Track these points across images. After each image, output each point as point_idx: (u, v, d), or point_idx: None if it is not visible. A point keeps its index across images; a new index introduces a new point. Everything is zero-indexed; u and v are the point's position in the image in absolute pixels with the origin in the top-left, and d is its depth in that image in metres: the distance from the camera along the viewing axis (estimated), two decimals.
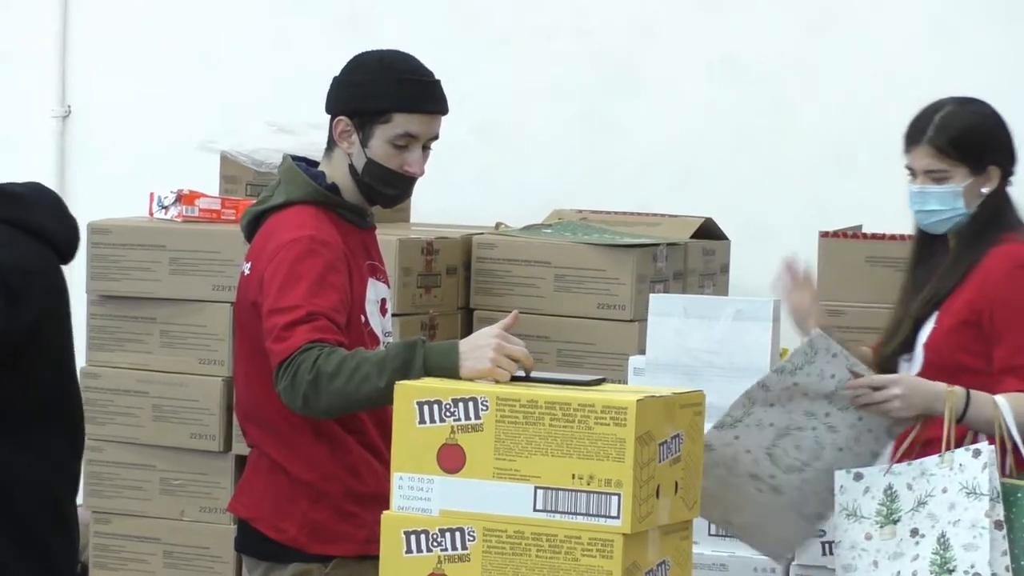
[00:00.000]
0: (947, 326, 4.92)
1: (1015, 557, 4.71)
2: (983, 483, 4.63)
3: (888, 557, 4.74)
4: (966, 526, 4.63)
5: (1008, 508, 4.70)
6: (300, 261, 4.72)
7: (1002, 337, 4.84)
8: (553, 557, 3.96)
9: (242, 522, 5.08)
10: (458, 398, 4.08)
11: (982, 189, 4.94)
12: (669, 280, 6.94)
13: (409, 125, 4.88)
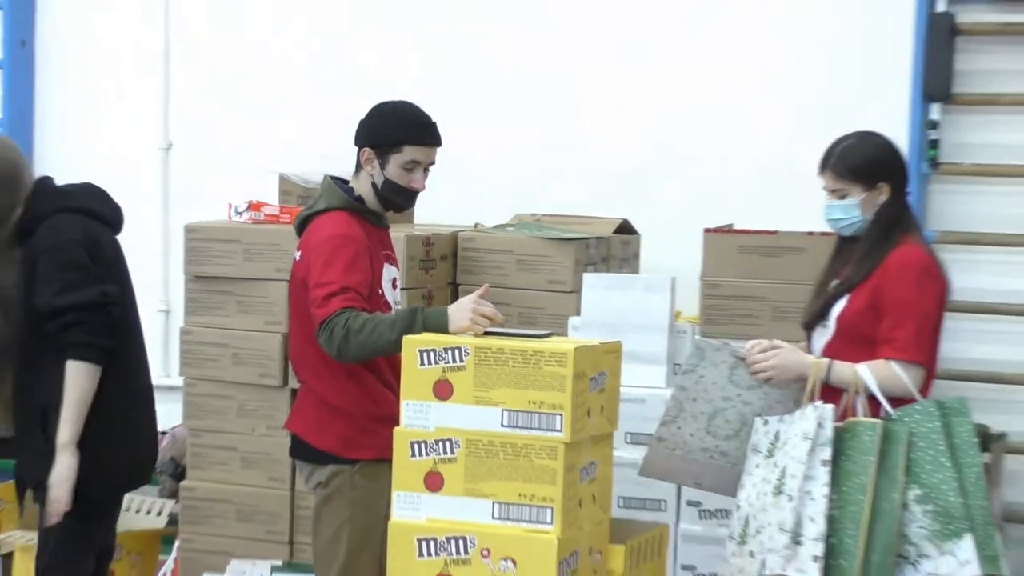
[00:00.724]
0: (855, 306, 4.95)
1: (839, 482, 4.76)
2: (811, 430, 4.72)
3: (760, 480, 4.91)
4: (797, 461, 4.74)
5: (846, 452, 4.76)
6: (336, 251, 5.11)
7: (885, 316, 4.86)
8: (515, 459, 4.43)
9: (295, 436, 5.51)
10: (447, 347, 4.52)
11: (876, 201, 5.00)
12: (597, 263, 7.12)
13: (415, 154, 5.29)
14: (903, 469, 4.75)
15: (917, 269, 4.93)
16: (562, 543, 4.43)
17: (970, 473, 4.75)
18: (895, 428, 4.79)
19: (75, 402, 5.16)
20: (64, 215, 5.31)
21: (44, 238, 5.25)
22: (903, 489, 4.74)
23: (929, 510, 4.73)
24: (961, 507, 4.68)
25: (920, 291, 4.89)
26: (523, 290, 6.99)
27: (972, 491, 4.72)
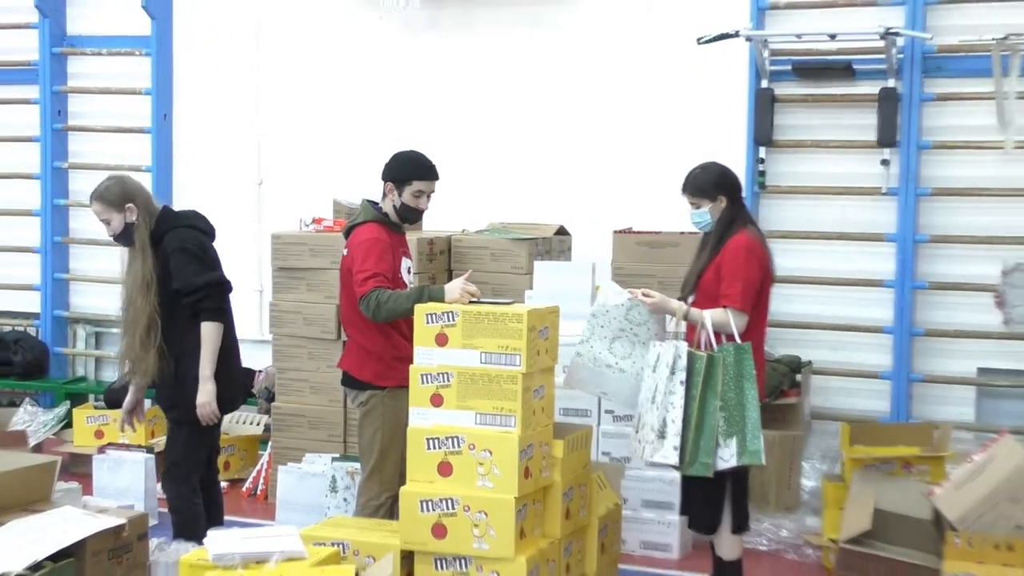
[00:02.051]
0: (708, 276, 4.97)
1: (691, 395, 4.77)
2: (671, 361, 4.79)
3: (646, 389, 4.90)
4: (663, 381, 4.78)
5: (690, 368, 4.78)
6: (370, 249, 5.25)
7: (723, 282, 4.89)
8: (489, 384, 4.54)
9: (344, 372, 5.57)
10: (444, 311, 4.66)
11: (719, 208, 5.01)
12: (543, 255, 7.07)
13: (421, 187, 5.39)
14: (715, 384, 4.81)
15: (744, 249, 4.97)
16: (521, 439, 4.57)
17: (748, 395, 4.80)
18: (715, 358, 4.84)
19: (211, 350, 5.36)
20: (182, 228, 5.46)
21: (172, 242, 5.38)
22: (714, 396, 4.80)
23: (723, 416, 4.79)
24: (738, 418, 4.78)
25: (747, 264, 4.94)
26: (494, 273, 6.95)
27: (748, 406, 4.77)
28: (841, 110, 7.72)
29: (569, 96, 8.30)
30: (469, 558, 4.55)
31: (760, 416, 4.78)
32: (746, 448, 4.72)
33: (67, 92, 9.55)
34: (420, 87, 8.63)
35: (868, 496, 5.69)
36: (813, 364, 7.60)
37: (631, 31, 8.10)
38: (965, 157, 7.48)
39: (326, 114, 8.88)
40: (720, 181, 5.07)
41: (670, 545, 6.16)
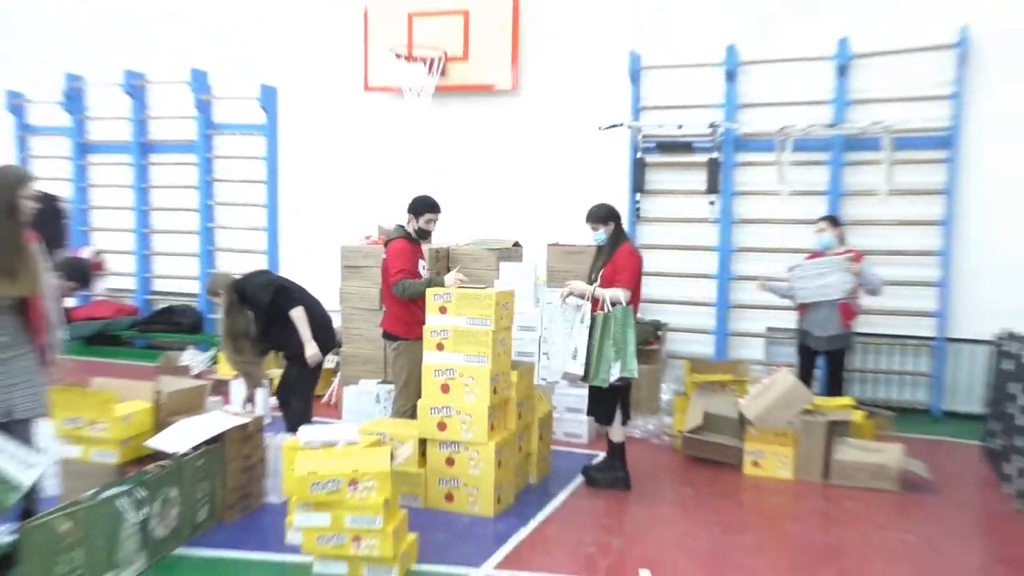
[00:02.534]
0: (607, 272, 4.86)
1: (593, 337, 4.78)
2: (582, 315, 4.83)
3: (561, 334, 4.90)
4: (577, 324, 4.83)
5: (594, 323, 4.79)
6: (399, 254, 5.21)
7: (618, 272, 4.82)
8: (472, 337, 4.55)
9: (384, 329, 5.47)
10: (444, 293, 4.67)
11: (609, 230, 4.96)
12: (506, 259, 6.85)
13: (430, 216, 5.35)
14: (609, 331, 4.80)
15: (630, 253, 5.00)
16: (491, 370, 4.64)
17: (629, 337, 4.78)
18: (608, 316, 4.83)
19: (304, 325, 5.29)
20: (250, 286, 5.33)
21: (250, 292, 5.30)
22: (608, 338, 4.79)
23: (614, 349, 4.77)
24: (622, 350, 4.76)
25: (630, 262, 4.95)
26: (475, 269, 6.74)
27: (629, 344, 4.77)
28: (685, 171, 7.73)
29: (521, 157, 8.29)
30: (460, 443, 4.62)
31: (636, 350, 4.79)
32: (627, 367, 4.75)
33: (212, 158, 9.52)
34: (430, 151, 8.59)
35: (701, 405, 5.83)
36: (668, 325, 7.70)
37: (560, 118, 8.14)
38: (759, 200, 7.58)
39: (370, 168, 8.86)
40: (609, 214, 5.02)
41: (582, 435, 6.23)
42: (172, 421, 4.48)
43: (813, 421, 5.31)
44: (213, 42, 9.33)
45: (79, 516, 3.38)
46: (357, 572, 3.72)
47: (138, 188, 9.66)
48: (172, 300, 9.72)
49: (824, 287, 5.84)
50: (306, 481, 3.65)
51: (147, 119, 9.65)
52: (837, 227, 6.14)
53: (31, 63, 10.02)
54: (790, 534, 4.43)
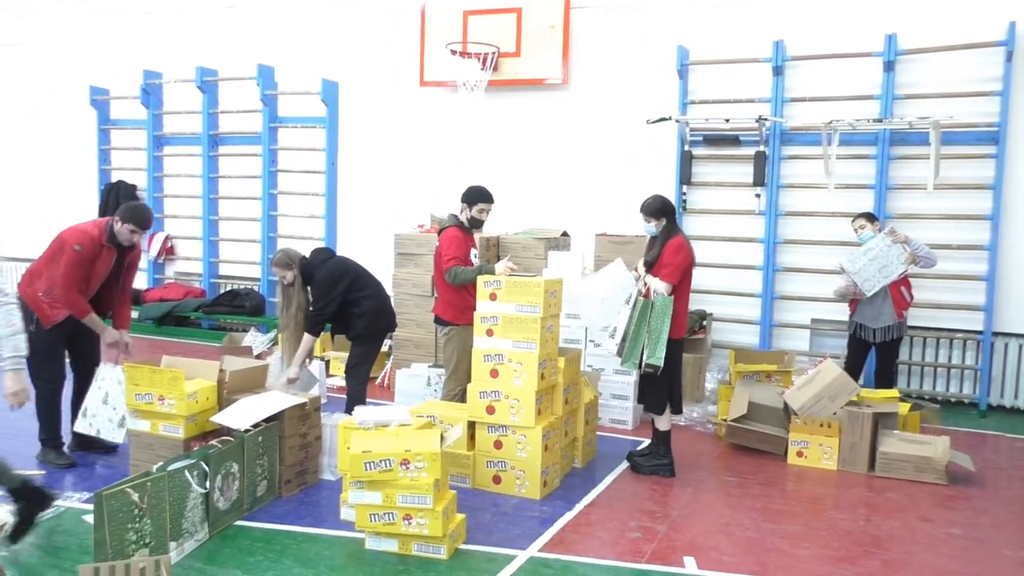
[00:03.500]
0: (657, 263, 4.79)
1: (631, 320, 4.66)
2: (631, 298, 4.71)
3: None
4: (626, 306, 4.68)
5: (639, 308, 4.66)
6: (451, 241, 5.17)
7: (662, 267, 4.74)
8: (521, 324, 4.48)
9: (436, 315, 5.44)
10: (494, 280, 4.60)
11: (661, 223, 4.84)
12: (554, 248, 6.80)
13: (482, 206, 5.32)
14: (646, 317, 4.71)
15: (675, 247, 4.85)
16: (539, 356, 4.53)
17: (664, 327, 4.65)
18: (649, 303, 4.74)
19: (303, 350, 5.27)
20: (317, 272, 5.23)
21: (315, 284, 5.23)
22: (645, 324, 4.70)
23: (646, 337, 4.69)
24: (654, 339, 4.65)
25: (675, 256, 4.82)
26: (524, 258, 6.70)
27: (662, 334, 4.64)
28: (731, 164, 7.59)
29: (570, 149, 8.15)
30: (508, 426, 4.56)
31: (667, 340, 4.63)
32: (653, 354, 4.62)
33: (276, 150, 9.56)
34: (481, 143, 8.51)
35: (745, 394, 5.67)
36: (714, 315, 7.52)
37: (608, 112, 7.98)
38: (805, 193, 7.36)
39: (424, 160, 8.82)
40: (662, 208, 4.90)
41: (627, 421, 6.13)
42: (235, 399, 4.50)
43: (859, 412, 5.13)
44: (279, 39, 9.39)
45: (149, 486, 3.40)
46: (407, 549, 3.69)
47: (207, 178, 9.77)
48: (236, 284, 9.84)
49: (885, 269, 5.73)
50: (360, 460, 3.63)
51: (217, 113, 9.75)
52: (874, 223, 6.08)
53: (113, 61, 10.21)
54: (834, 524, 4.27)
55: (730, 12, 7.53)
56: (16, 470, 3.67)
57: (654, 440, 5.05)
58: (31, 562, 3.48)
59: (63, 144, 10.54)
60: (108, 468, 4.77)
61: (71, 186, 10.50)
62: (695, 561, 3.72)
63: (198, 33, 9.79)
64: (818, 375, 5.36)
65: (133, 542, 3.31)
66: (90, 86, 10.23)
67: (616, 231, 7.12)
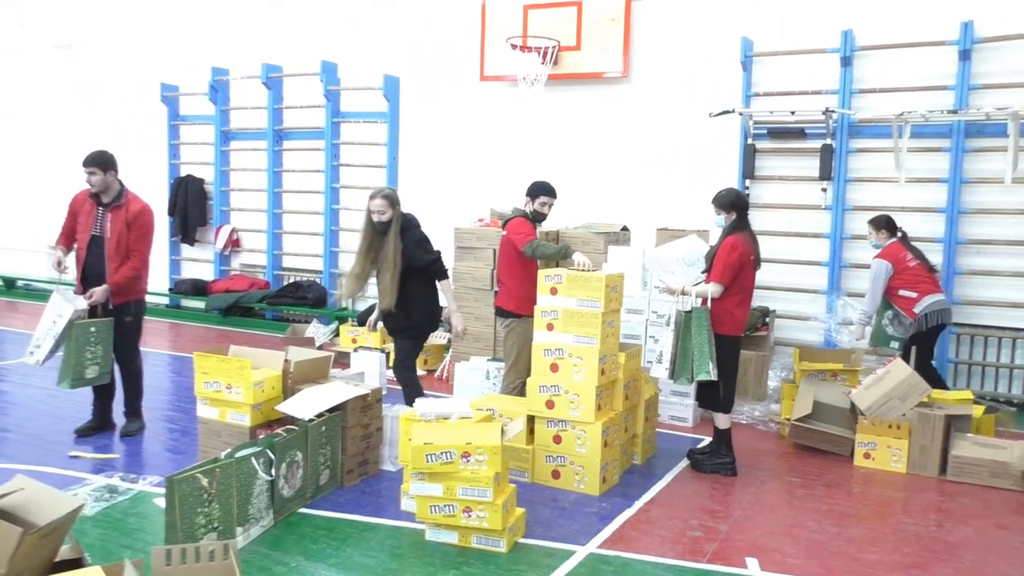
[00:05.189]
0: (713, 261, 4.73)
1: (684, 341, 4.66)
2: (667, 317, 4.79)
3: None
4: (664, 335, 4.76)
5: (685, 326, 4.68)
6: (521, 224, 5.20)
7: (713, 266, 4.69)
8: (581, 318, 4.44)
9: (497, 306, 5.46)
10: (555, 274, 4.57)
11: (731, 217, 4.76)
12: (614, 243, 6.68)
13: (545, 199, 5.33)
14: (690, 330, 4.68)
15: (728, 247, 4.74)
16: (600, 351, 4.51)
17: (701, 337, 4.63)
18: (690, 315, 4.72)
19: (452, 294, 5.34)
20: (415, 229, 5.08)
21: (412, 236, 5.01)
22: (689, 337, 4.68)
23: (694, 352, 4.66)
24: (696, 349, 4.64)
25: (727, 256, 4.70)
26: (587, 252, 6.62)
27: (705, 341, 4.62)
28: (796, 157, 7.44)
29: (631, 143, 8.08)
30: (567, 421, 4.53)
31: (709, 350, 4.60)
32: (703, 370, 4.60)
33: (339, 145, 9.65)
34: (541, 137, 8.49)
35: (809, 393, 5.55)
36: (776, 312, 7.37)
37: (670, 105, 7.88)
38: (873, 187, 7.16)
39: (483, 155, 8.83)
40: (732, 202, 4.81)
41: (687, 418, 6.04)
42: (299, 388, 4.56)
43: (930, 414, 4.96)
44: (342, 35, 9.49)
45: (218, 472, 3.47)
46: (467, 542, 3.70)
47: (271, 172, 9.94)
48: (299, 276, 10.00)
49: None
50: (421, 451, 3.65)
51: (281, 108, 9.91)
52: (880, 231, 6.07)
53: (183, 58, 10.48)
54: (904, 528, 4.14)
55: (796, 2, 7.35)
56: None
57: (715, 438, 4.96)
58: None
59: (135, 140, 10.84)
60: (178, 454, 4.91)
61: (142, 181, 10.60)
62: (758, 562, 3.64)
63: (263, 30, 9.97)
64: (887, 374, 5.20)
65: (202, 526, 3.39)
66: (161, 83, 10.52)
67: (677, 225, 7.03)
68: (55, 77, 11.44)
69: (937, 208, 6.87)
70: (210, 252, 10.52)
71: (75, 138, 11.38)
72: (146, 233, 5.12)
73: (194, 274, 10.66)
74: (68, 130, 11.32)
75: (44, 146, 11.66)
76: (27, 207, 11.89)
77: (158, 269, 10.77)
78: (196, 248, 10.68)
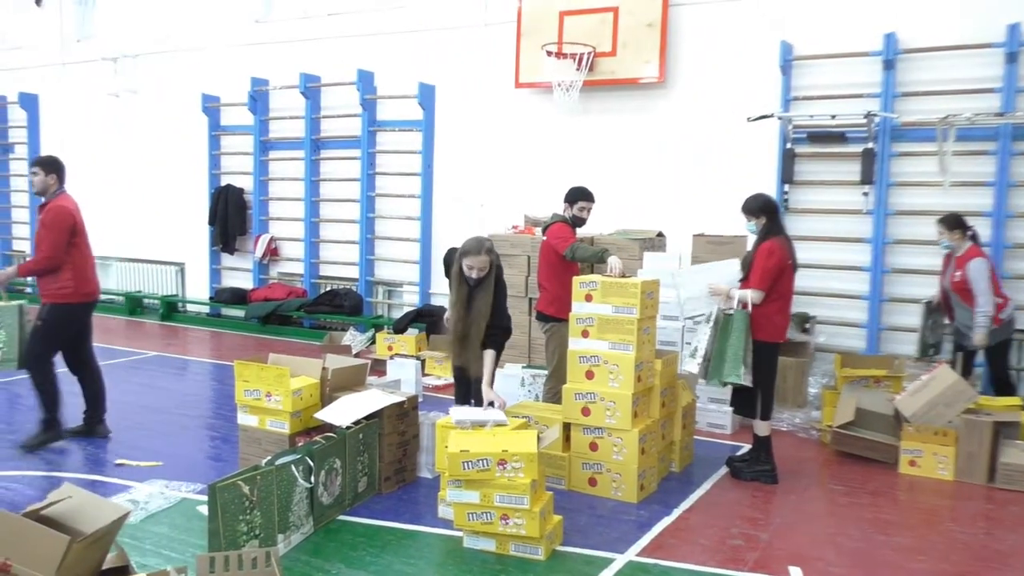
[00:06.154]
0: (751, 267, 4.72)
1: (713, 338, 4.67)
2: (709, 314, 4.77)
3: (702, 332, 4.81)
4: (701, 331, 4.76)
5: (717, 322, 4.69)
6: (560, 229, 5.24)
7: (752, 272, 4.69)
8: (617, 325, 4.42)
9: (539, 311, 5.47)
10: (590, 281, 4.57)
11: (761, 222, 4.76)
12: (649, 249, 6.76)
13: (583, 204, 5.38)
14: (728, 333, 4.68)
15: (766, 252, 4.73)
16: (636, 358, 4.50)
17: (740, 340, 4.61)
18: (729, 317, 4.70)
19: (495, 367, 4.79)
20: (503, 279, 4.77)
21: (504, 288, 4.79)
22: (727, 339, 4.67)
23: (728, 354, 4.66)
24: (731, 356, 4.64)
25: (765, 261, 4.69)
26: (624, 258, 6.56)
27: (740, 346, 4.61)
28: (837, 161, 7.32)
29: (668, 148, 8.03)
30: (603, 428, 4.52)
31: (743, 355, 4.58)
32: (733, 371, 4.60)
33: (375, 153, 9.71)
34: (576, 145, 8.44)
35: (852, 399, 5.47)
36: (817, 318, 7.27)
37: (707, 110, 7.82)
38: (916, 191, 7.03)
39: (518, 162, 8.83)
40: (762, 207, 4.81)
41: (725, 425, 5.98)
42: (336, 396, 4.61)
43: (977, 421, 4.86)
44: (378, 45, 9.57)
45: (259, 480, 3.52)
46: (505, 549, 3.70)
47: (308, 181, 10.04)
48: (335, 284, 10.10)
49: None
50: (458, 459, 3.67)
51: (319, 118, 10.01)
52: (953, 231, 5.80)
53: (224, 69, 10.65)
54: (952, 537, 4.05)
55: (837, 5, 7.25)
56: None
57: (755, 445, 4.91)
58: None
59: (177, 150, 11.06)
60: (219, 462, 4.98)
61: (184, 191, 11.04)
62: (801, 572, 3.59)
63: (302, 40, 10.09)
64: (932, 381, 5.11)
65: (244, 533, 3.43)
66: (202, 93, 10.71)
67: (714, 231, 6.95)
68: (101, 90, 11.66)
69: (983, 212, 6.72)
70: (249, 261, 10.67)
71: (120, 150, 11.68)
72: (52, 229, 4.98)
73: (235, 283, 10.82)
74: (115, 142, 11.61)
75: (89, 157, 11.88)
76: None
77: (198, 278, 11.07)
78: (236, 257, 10.83)
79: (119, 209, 11.64)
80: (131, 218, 11.58)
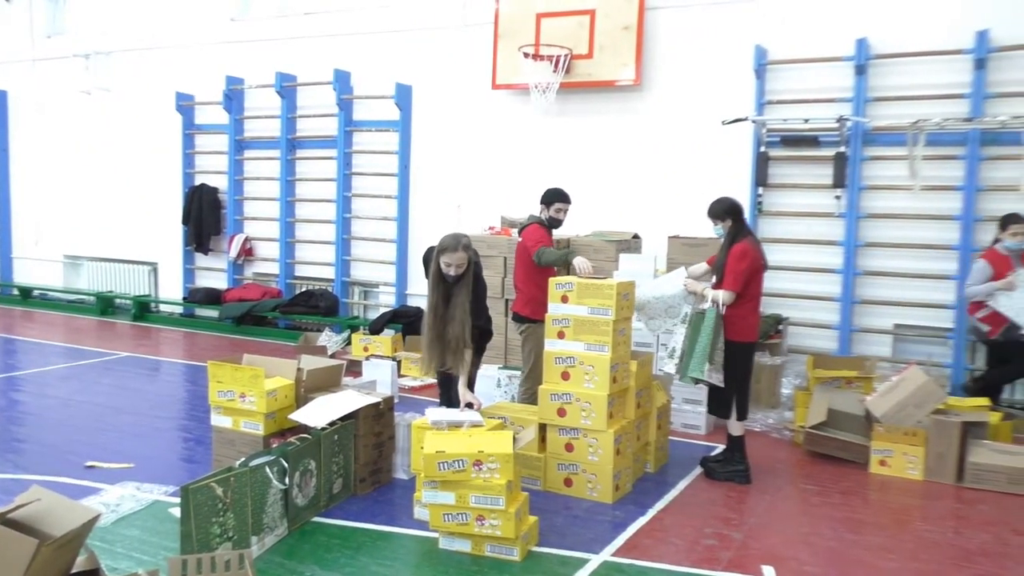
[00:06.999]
0: (722, 270, 4.73)
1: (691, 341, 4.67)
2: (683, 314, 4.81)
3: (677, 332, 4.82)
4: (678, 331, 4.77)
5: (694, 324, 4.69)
6: (535, 232, 5.27)
7: (725, 273, 4.69)
8: (593, 326, 4.41)
9: (514, 312, 5.49)
10: (567, 282, 4.58)
11: (727, 225, 4.78)
12: (625, 250, 6.79)
13: (560, 206, 5.39)
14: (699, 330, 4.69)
15: (738, 254, 4.74)
16: (611, 359, 4.50)
17: (710, 339, 4.62)
18: (702, 315, 4.73)
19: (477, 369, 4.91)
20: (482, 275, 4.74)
21: (483, 285, 4.74)
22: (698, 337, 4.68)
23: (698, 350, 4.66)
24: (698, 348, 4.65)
25: (737, 263, 4.70)
26: (595, 260, 6.54)
27: (707, 343, 4.62)
28: (810, 165, 7.39)
29: (643, 151, 8.05)
30: (579, 429, 4.53)
31: (710, 352, 4.60)
32: (697, 368, 4.62)
33: (351, 153, 9.69)
34: (553, 146, 8.46)
35: (824, 400, 5.52)
36: (790, 319, 7.34)
37: (683, 113, 7.86)
38: (887, 195, 7.11)
39: (494, 163, 8.81)
40: (727, 209, 4.81)
41: (700, 426, 6.01)
42: (311, 397, 4.57)
43: (946, 421, 4.92)
44: (355, 45, 9.52)
45: (232, 481, 3.48)
46: (480, 550, 3.70)
47: (284, 181, 9.97)
48: (311, 284, 10.04)
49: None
50: (434, 460, 3.65)
51: (295, 117, 9.94)
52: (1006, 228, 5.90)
53: (198, 68, 10.53)
54: (921, 536, 4.10)
55: (810, 11, 7.33)
56: None
57: (728, 445, 4.94)
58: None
59: (150, 148, 10.92)
60: (192, 463, 4.91)
61: (157, 189, 10.90)
62: (774, 571, 3.62)
63: (278, 39, 10.01)
64: (902, 382, 5.17)
65: (217, 535, 3.40)
66: (176, 92, 10.59)
67: (689, 233, 7.00)
68: (73, 87, 11.48)
69: (952, 215, 6.82)
70: (224, 261, 10.57)
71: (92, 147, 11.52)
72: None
73: (208, 283, 10.71)
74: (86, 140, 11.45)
75: (59, 155, 11.76)
76: (42, 216, 12.02)
77: (172, 277, 10.94)
78: (210, 257, 10.73)
79: (90, 208, 11.51)
80: (103, 217, 11.43)
